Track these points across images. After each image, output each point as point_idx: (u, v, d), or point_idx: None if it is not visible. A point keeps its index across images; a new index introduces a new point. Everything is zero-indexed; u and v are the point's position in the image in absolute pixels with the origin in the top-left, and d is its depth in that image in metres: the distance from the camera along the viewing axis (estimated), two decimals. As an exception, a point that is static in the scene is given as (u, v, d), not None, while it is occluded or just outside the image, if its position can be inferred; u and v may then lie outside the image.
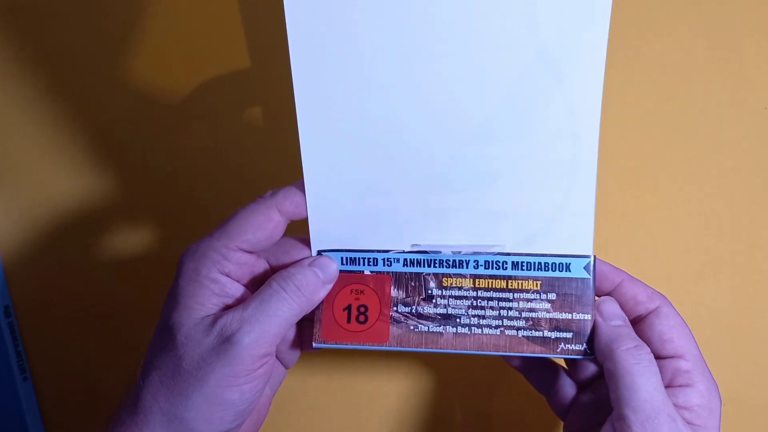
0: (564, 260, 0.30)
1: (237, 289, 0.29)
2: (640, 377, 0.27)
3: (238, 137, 0.41)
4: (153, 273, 0.43)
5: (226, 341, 0.27)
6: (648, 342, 0.29)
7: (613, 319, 0.29)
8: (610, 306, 0.30)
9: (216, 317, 0.28)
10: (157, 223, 0.43)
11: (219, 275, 0.29)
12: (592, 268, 0.30)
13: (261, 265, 0.31)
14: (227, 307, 0.29)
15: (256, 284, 0.31)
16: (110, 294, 0.44)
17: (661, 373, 0.29)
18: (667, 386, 0.28)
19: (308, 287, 0.29)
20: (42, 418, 0.46)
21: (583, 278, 0.30)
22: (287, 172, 0.32)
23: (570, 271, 0.30)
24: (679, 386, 0.28)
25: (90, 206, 0.44)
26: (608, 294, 0.31)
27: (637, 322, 0.30)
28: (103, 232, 0.44)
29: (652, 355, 0.28)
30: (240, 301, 0.29)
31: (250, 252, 0.30)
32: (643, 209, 0.38)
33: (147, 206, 0.43)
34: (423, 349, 0.31)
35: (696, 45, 0.37)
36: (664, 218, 0.38)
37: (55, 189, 0.44)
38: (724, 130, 0.37)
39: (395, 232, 0.31)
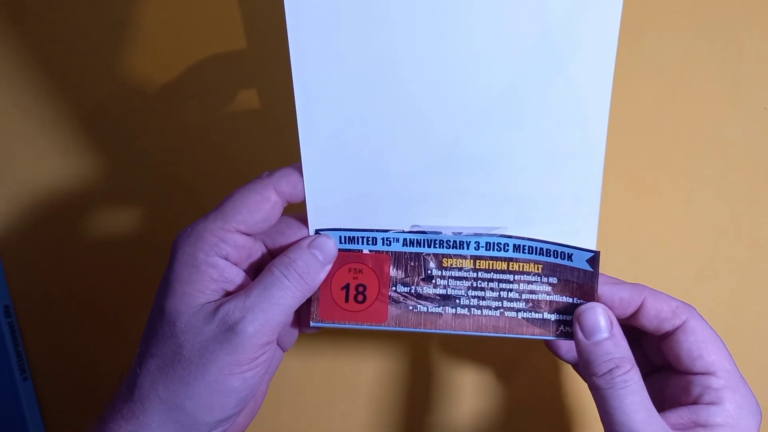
0: (566, 250, 0.30)
1: (236, 274, 0.29)
2: (614, 401, 0.27)
3: (233, 122, 0.41)
4: (155, 272, 0.43)
5: (230, 330, 0.27)
6: (677, 359, 0.29)
7: (593, 333, 0.28)
8: (591, 317, 0.29)
9: (217, 305, 0.27)
10: (159, 221, 0.43)
11: (217, 259, 0.28)
12: (596, 262, 0.29)
13: (258, 249, 0.30)
14: (227, 293, 0.28)
15: (254, 268, 0.31)
16: (111, 294, 0.44)
17: (690, 389, 0.29)
18: (693, 403, 0.28)
19: (309, 273, 0.29)
20: (42, 418, 0.46)
21: (586, 270, 0.29)
22: (284, 157, 0.32)
23: (572, 261, 0.30)
24: (705, 404, 0.28)
25: (90, 207, 0.44)
26: (634, 313, 0.30)
27: (666, 338, 0.30)
28: (104, 233, 0.44)
29: (630, 373, 0.27)
30: (239, 287, 0.29)
31: (247, 234, 0.29)
32: (643, 209, 0.38)
33: (147, 205, 0.43)
34: (422, 330, 0.30)
35: (696, 45, 0.37)
36: (664, 218, 0.38)
37: (55, 189, 0.44)
38: (724, 130, 0.37)
39: (395, 213, 0.30)
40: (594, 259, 0.29)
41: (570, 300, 0.30)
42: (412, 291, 0.31)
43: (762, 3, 0.36)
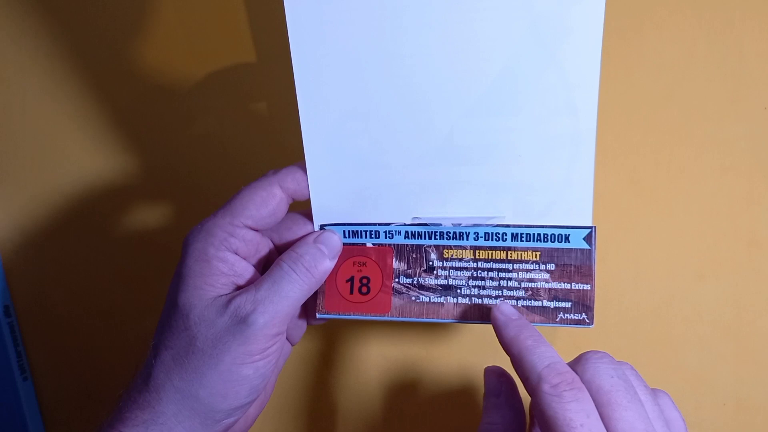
0: (563, 231, 0.30)
1: (245, 268, 0.30)
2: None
3: (242, 127, 0.41)
4: (153, 272, 0.43)
5: (242, 322, 0.28)
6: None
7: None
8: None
9: (229, 298, 0.28)
10: (158, 222, 0.43)
11: (227, 253, 0.29)
12: (593, 239, 0.30)
13: (266, 244, 0.32)
14: (237, 287, 0.29)
15: (261, 263, 0.32)
16: (110, 294, 0.44)
17: None
18: None
19: (316, 267, 0.30)
20: (42, 418, 0.46)
21: (583, 249, 0.30)
22: (289, 159, 0.33)
23: (569, 242, 0.30)
24: None
25: (90, 207, 0.44)
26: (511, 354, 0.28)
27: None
28: (104, 232, 0.44)
29: None
30: (249, 281, 0.30)
31: (254, 230, 0.30)
32: (643, 209, 0.38)
33: (148, 205, 0.43)
34: (424, 320, 0.31)
35: (696, 44, 0.37)
36: (664, 218, 0.38)
37: (54, 189, 0.44)
38: (724, 130, 0.37)
39: (396, 206, 0.31)
40: (590, 235, 0.30)
41: (568, 286, 0.30)
42: (415, 282, 0.31)
43: (762, 3, 0.36)
